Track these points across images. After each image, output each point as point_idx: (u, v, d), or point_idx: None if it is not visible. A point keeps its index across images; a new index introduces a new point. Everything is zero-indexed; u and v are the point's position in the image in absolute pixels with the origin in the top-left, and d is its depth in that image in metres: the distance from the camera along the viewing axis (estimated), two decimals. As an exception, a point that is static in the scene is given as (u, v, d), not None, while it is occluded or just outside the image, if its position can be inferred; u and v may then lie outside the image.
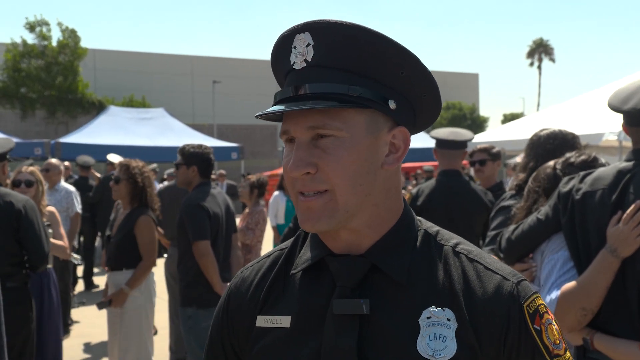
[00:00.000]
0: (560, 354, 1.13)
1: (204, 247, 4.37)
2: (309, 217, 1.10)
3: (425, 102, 1.17)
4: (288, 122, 1.12)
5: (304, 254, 1.21)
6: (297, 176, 1.09)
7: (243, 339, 1.23)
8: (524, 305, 1.10)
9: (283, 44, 1.14)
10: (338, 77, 1.09)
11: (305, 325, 1.14)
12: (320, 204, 1.09)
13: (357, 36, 1.08)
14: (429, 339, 1.07)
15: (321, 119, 1.08)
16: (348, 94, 1.08)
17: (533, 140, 3.17)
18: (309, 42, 1.09)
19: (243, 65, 41.95)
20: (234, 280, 1.30)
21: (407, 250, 1.15)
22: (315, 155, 1.09)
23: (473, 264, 1.14)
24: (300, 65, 1.10)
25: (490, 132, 13.43)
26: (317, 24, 1.09)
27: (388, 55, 1.10)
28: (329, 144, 1.08)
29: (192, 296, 4.40)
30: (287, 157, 1.12)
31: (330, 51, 1.08)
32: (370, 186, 1.12)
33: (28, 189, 4.99)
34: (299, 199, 1.12)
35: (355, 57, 1.09)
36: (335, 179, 1.08)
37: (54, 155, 14.36)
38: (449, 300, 1.10)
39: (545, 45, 61.64)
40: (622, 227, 2.13)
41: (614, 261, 2.15)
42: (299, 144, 1.10)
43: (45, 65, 29.31)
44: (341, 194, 1.09)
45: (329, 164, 1.08)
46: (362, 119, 1.10)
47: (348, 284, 1.12)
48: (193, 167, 4.68)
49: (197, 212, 4.42)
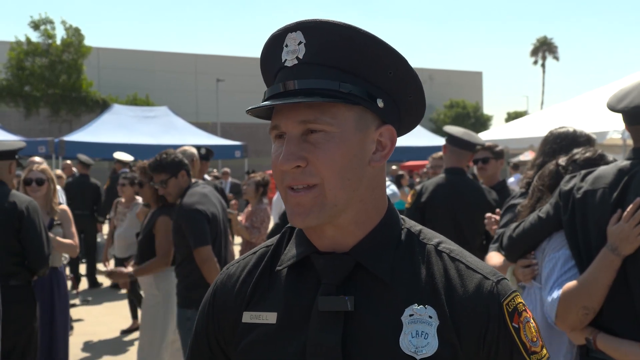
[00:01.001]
0: (537, 350, 1.16)
1: (206, 254, 4.20)
2: (299, 212, 1.12)
3: (410, 104, 1.20)
4: (278, 117, 1.14)
5: (290, 250, 1.23)
6: (287, 169, 1.11)
7: (229, 334, 1.24)
8: (504, 304, 1.13)
9: (274, 42, 1.16)
10: (329, 74, 1.11)
11: (291, 322, 1.16)
12: (310, 198, 1.11)
13: (349, 36, 1.10)
14: (411, 336, 1.09)
15: (312, 114, 1.10)
16: (339, 90, 1.10)
17: (546, 137, 3.16)
18: (300, 40, 1.12)
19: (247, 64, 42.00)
20: (220, 276, 1.32)
21: (391, 249, 1.17)
22: (305, 149, 1.11)
23: (455, 262, 1.17)
24: (291, 62, 1.12)
25: (494, 131, 13.42)
26: (309, 23, 1.11)
27: (378, 55, 1.12)
28: (319, 139, 1.11)
29: (193, 298, 4.26)
30: (277, 152, 1.14)
31: (322, 49, 1.11)
32: (358, 182, 1.14)
33: (39, 187, 5.00)
34: (288, 194, 1.14)
35: (346, 55, 1.11)
36: (324, 172, 1.10)
37: (57, 154, 14.42)
38: (431, 298, 1.12)
39: (549, 43, 61.51)
40: (622, 225, 2.13)
41: (615, 259, 2.15)
42: (290, 138, 1.12)
43: (49, 64, 29.36)
44: (330, 187, 1.11)
45: (319, 157, 1.10)
46: (352, 115, 1.12)
47: (333, 281, 1.14)
48: (182, 173, 4.45)
49: (196, 217, 4.21)
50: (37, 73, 29.17)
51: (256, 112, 1.16)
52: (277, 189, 1.19)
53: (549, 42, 61.53)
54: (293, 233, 1.27)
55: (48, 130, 29.67)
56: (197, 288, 4.27)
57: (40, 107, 29.75)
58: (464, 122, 41.65)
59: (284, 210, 4.77)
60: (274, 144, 1.17)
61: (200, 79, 42.65)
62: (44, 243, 3.99)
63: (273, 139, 1.17)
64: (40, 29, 29.58)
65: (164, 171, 4.40)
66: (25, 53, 29.13)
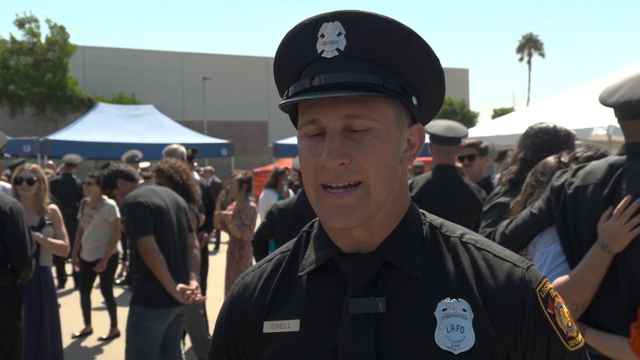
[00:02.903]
0: (574, 336, 1.13)
1: (146, 243, 4.16)
2: (341, 213, 1.07)
3: (431, 103, 1.18)
4: (317, 111, 1.07)
5: (310, 255, 1.19)
6: (332, 166, 1.05)
7: (249, 345, 1.21)
8: (537, 291, 1.10)
9: (304, 32, 1.10)
10: (372, 68, 1.07)
11: (316, 328, 1.12)
12: (354, 198, 1.07)
13: (392, 30, 1.07)
14: (446, 330, 1.06)
15: (356, 109, 1.05)
16: (384, 85, 1.07)
17: (526, 132, 3.16)
18: (340, 31, 1.06)
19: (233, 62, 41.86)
20: (236, 286, 1.28)
21: (417, 244, 1.14)
22: (349, 145, 1.06)
23: (481, 252, 1.14)
24: (331, 53, 1.07)
25: (481, 127, 13.45)
26: (350, 13, 1.06)
27: (416, 52, 1.10)
28: (364, 135, 1.06)
29: (142, 295, 4.21)
30: (311, 149, 1.09)
31: (364, 42, 1.07)
32: (396, 181, 1.12)
33: (30, 187, 4.97)
34: (322, 195, 1.09)
35: (387, 50, 1.08)
36: (370, 171, 1.06)
37: (43, 153, 14.30)
38: (462, 291, 1.09)
39: (535, 40, 61.81)
40: (613, 222, 2.13)
41: (605, 257, 2.15)
42: (332, 133, 1.06)
43: (34, 62, 29.09)
44: (374, 186, 1.07)
45: (365, 154, 1.06)
46: (392, 112, 1.09)
47: (362, 283, 1.10)
48: (119, 181, 4.70)
49: (136, 208, 4.23)
50: (21, 72, 28.88)
51: (286, 106, 1.11)
52: (265, 187, 1.17)
53: (534, 39, 61.84)
54: (310, 237, 1.23)
55: (33, 129, 29.42)
56: (144, 284, 4.23)
57: (25, 106, 29.47)
58: (450, 118, 41.76)
59: (270, 209, 4.76)
60: (301, 140, 1.11)
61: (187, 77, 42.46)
62: (27, 245, 3.93)
63: (302, 135, 1.11)
64: (24, 27, 29.30)
65: (105, 188, 4.77)
66: (10, 52, 28.83)
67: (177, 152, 6.23)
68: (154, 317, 4.19)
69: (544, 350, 1.09)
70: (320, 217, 1.11)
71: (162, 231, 4.27)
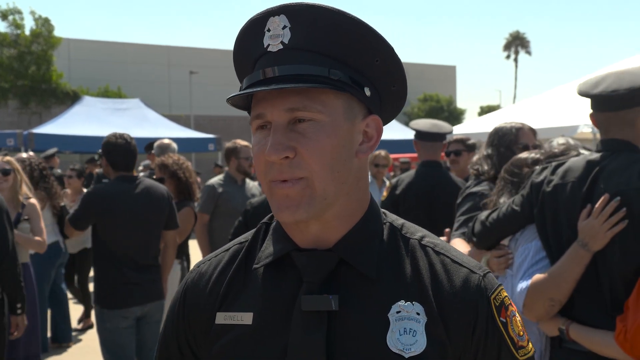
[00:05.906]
0: (524, 345, 1.14)
1: (70, 231, 4.38)
2: (288, 205, 1.06)
3: (393, 94, 1.16)
4: (262, 105, 1.06)
5: (267, 247, 1.17)
6: (275, 160, 1.04)
7: (201, 336, 1.18)
8: (491, 298, 1.10)
9: (253, 27, 1.10)
10: (316, 59, 1.05)
11: (269, 322, 1.10)
12: (298, 189, 1.05)
13: (339, 21, 1.05)
14: (399, 333, 1.05)
15: (301, 101, 1.04)
16: (329, 76, 1.05)
17: (496, 130, 3.32)
18: (285, 24, 1.05)
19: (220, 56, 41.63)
20: (191, 274, 1.25)
21: (375, 244, 1.13)
22: (293, 139, 1.04)
23: (440, 256, 1.13)
24: (275, 47, 1.06)
25: (467, 124, 13.51)
26: (294, 6, 1.05)
27: (365, 42, 1.07)
28: (308, 128, 1.05)
29: (99, 295, 4.23)
30: (260, 143, 1.07)
31: (308, 34, 1.05)
32: (347, 174, 1.09)
33: (6, 178, 4.84)
34: (273, 187, 1.07)
35: (332, 41, 1.06)
36: (314, 165, 1.04)
37: (27, 147, 14.14)
38: (417, 294, 1.08)
39: (522, 38, 62.08)
40: (592, 221, 2.15)
41: (585, 255, 2.17)
42: (276, 127, 1.05)
43: (17, 55, 28.75)
44: (319, 180, 1.05)
45: (309, 148, 1.04)
46: (340, 104, 1.07)
47: (316, 280, 1.09)
48: (103, 159, 4.35)
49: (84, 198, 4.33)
50: (5, 64, 28.54)
51: (236, 100, 1.10)
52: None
53: (521, 37, 62.11)
54: (269, 229, 1.21)
55: (17, 122, 29.07)
56: (99, 284, 4.26)
57: (8, 99, 29.12)
58: (437, 115, 41.84)
59: (245, 207, 4.71)
60: (254, 135, 1.10)
61: (173, 71, 42.18)
62: (7, 239, 3.86)
63: (254, 130, 1.10)
64: (8, 19, 28.94)
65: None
66: (-7, 44, 28.53)
67: (170, 148, 6.18)
68: (110, 317, 4.20)
69: (493, 358, 1.10)
70: (272, 210, 1.09)
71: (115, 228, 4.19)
